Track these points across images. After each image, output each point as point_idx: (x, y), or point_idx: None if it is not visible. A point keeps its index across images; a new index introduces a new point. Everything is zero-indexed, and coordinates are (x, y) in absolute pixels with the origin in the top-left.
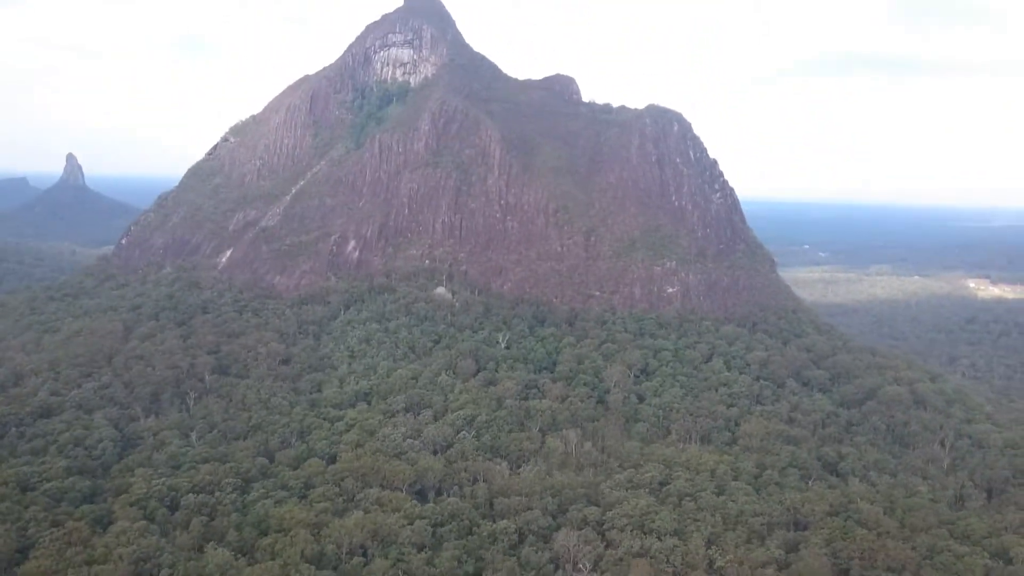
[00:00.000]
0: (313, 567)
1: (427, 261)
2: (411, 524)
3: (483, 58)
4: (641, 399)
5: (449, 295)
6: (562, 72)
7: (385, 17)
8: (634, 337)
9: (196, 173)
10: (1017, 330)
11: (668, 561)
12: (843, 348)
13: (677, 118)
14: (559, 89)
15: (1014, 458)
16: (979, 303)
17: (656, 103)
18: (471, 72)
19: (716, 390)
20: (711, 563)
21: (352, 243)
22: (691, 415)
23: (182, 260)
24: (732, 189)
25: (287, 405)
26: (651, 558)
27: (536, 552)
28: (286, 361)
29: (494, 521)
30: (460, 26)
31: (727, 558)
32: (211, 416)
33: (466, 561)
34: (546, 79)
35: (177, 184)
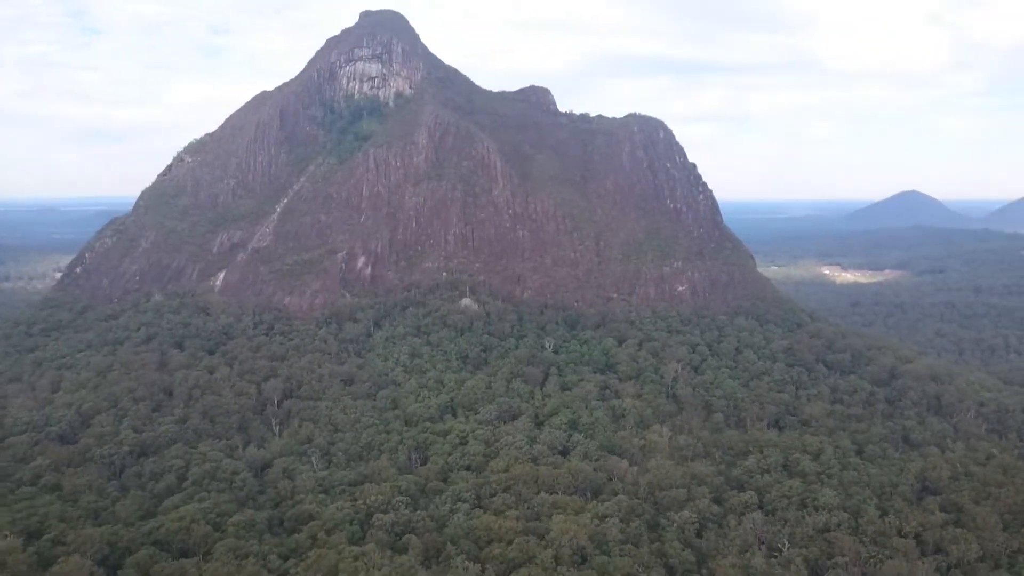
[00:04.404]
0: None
1: (444, 273)
2: (602, 522)
3: (457, 71)
4: (706, 390)
5: (475, 306)
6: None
7: (347, 31)
8: (668, 335)
9: (155, 195)
10: (899, 311)
11: (859, 532)
12: (841, 333)
13: (661, 125)
14: (536, 100)
15: None
16: (843, 288)
17: (635, 112)
18: (449, 85)
19: (760, 378)
20: (899, 530)
21: (362, 259)
22: (757, 403)
23: (167, 285)
24: (711, 191)
25: (380, 423)
26: (837, 531)
27: (742, 535)
28: (348, 381)
29: (672, 513)
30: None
31: (912, 523)
32: (314, 439)
33: (685, 550)
34: (522, 91)
35: (133, 207)
